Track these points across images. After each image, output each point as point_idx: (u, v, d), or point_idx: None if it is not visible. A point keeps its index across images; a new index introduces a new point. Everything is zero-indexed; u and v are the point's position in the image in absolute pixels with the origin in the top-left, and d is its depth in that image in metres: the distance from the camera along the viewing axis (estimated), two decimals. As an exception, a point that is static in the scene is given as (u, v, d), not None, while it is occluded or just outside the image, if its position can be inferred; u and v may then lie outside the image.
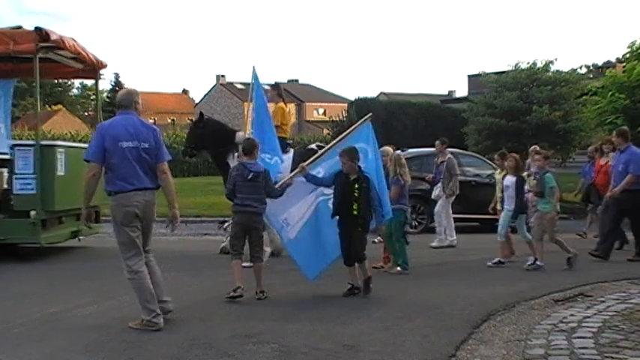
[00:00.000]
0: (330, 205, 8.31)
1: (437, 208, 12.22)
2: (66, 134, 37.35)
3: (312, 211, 8.40)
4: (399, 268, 9.13)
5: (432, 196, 12.45)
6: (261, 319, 6.32)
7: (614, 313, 6.52)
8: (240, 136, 10.51)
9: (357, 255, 7.51)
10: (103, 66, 11.56)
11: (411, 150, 15.60)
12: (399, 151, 11.09)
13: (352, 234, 7.50)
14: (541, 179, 9.62)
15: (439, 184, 12.30)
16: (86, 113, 79.05)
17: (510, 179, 9.95)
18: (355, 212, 7.44)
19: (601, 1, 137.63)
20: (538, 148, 13.88)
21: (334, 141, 9.04)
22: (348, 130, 9.05)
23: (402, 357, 5.19)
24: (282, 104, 11.25)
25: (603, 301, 7.06)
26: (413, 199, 14.00)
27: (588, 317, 6.36)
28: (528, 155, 12.94)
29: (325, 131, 46.55)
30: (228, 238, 10.39)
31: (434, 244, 11.89)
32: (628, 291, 7.59)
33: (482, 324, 6.16)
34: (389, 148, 10.07)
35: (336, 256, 8.29)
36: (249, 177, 7.36)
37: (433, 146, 13.33)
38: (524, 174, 13.33)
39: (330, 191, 8.21)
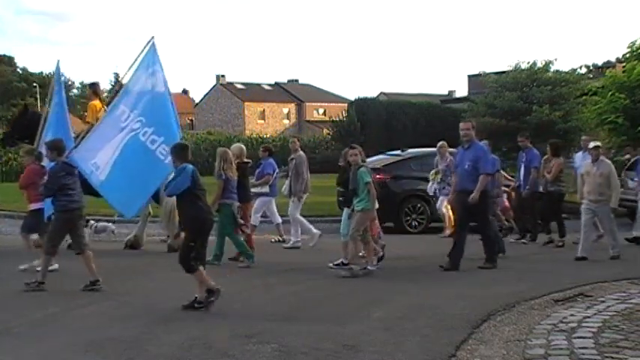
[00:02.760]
0: (142, 138, 8.62)
1: (290, 209, 11.68)
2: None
3: (121, 149, 8.63)
4: (241, 261, 9.45)
5: (284, 193, 11.95)
6: (261, 319, 6.32)
7: (614, 313, 6.51)
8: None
9: (182, 265, 6.65)
10: None
11: (411, 150, 15.62)
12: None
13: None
14: (355, 175, 8.82)
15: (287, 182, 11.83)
16: (86, 113, 78.96)
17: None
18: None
19: (601, 1, 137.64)
20: (445, 145, 13.19)
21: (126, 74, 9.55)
22: (135, 61, 9.42)
23: (402, 357, 5.19)
24: (94, 102, 11.25)
25: (603, 301, 7.05)
26: (414, 199, 14.02)
27: (588, 317, 6.36)
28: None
29: (325, 131, 46.58)
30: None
31: (287, 245, 11.32)
32: (628, 291, 7.58)
33: (482, 324, 6.16)
34: (233, 147, 10.12)
35: (156, 187, 8.61)
36: (76, 174, 7.71)
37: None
38: (432, 171, 13.14)
39: (139, 125, 8.58)
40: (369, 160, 16.26)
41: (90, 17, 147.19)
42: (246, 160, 10.37)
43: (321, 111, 68.73)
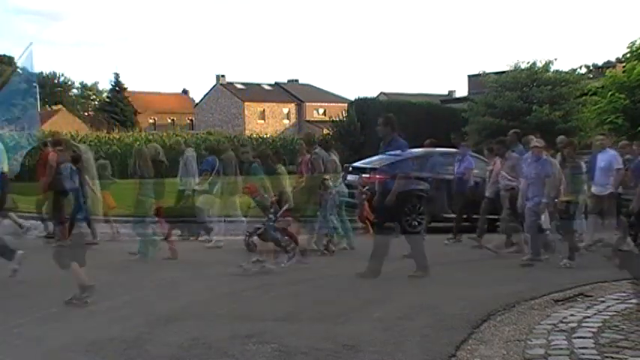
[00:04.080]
0: None
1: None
2: (66, 134, 37.26)
3: None
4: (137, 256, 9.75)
5: (215, 194, 12.01)
6: (261, 319, 6.32)
7: (614, 313, 6.51)
8: None
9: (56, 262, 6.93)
10: None
11: (411, 150, 15.59)
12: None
13: None
14: (248, 172, 9.18)
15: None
16: (86, 113, 79.07)
17: None
18: None
19: (601, 1, 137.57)
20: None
21: None
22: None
23: (402, 357, 5.19)
24: None
25: (603, 301, 7.06)
26: (413, 199, 14.00)
27: (588, 317, 6.36)
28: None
29: (325, 131, 46.59)
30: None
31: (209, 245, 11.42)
32: (628, 291, 7.57)
33: (483, 324, 6.16)
34: (149, 146, 10.47)
35: None
36: None
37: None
38: None
39: None
40: (369, 160, 16.40)
41: (85, 17, 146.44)
42: (161, 159, 10.73)
43: (321, 111, 68.71)
